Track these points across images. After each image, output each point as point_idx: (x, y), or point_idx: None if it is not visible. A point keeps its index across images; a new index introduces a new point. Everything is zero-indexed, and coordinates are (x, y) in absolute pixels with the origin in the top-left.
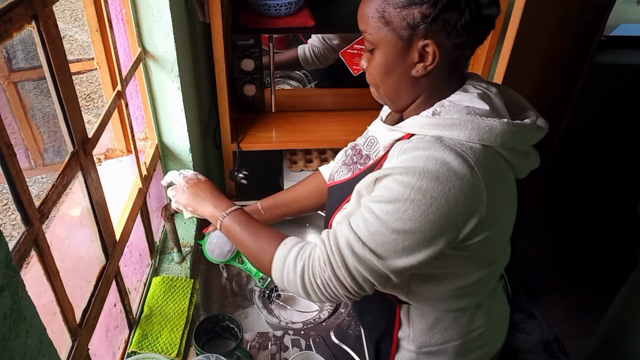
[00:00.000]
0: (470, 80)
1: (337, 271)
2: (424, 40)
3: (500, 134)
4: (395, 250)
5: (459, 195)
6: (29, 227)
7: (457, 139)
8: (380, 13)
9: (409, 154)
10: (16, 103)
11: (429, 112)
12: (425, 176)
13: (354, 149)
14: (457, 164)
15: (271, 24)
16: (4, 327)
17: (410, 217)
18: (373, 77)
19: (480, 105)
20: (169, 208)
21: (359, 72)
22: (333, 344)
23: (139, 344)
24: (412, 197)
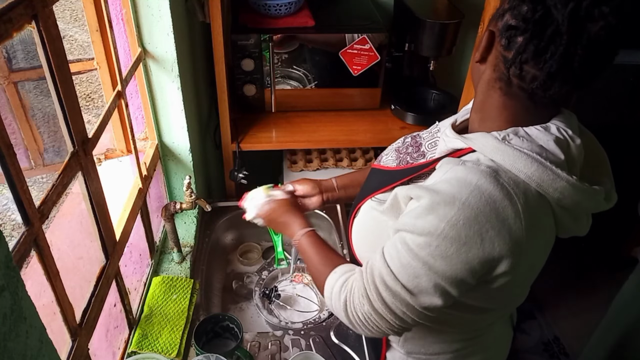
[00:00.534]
0: (557, 120)
1: (375, 305)
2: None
3: (562, 189)
4: (426, 287)
5: (495, 239)
6: (29, 227)
7: (514, 174)
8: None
9: (456, 176)
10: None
11: (499, 134)
12: (464, 211)
13: (415, 140)
14: (503, 206)
15: (271, 24)
16: (4, 327)
17: (442, 254)
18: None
19: (556, 152)
20: (169, 208)
21: (359, 72)
22: (333, 344)
23: (139, 344)
24: (445, 232)
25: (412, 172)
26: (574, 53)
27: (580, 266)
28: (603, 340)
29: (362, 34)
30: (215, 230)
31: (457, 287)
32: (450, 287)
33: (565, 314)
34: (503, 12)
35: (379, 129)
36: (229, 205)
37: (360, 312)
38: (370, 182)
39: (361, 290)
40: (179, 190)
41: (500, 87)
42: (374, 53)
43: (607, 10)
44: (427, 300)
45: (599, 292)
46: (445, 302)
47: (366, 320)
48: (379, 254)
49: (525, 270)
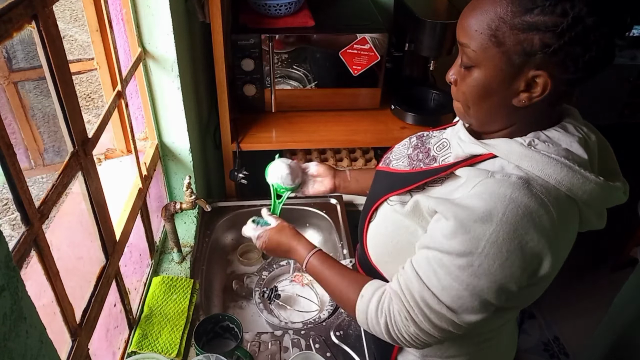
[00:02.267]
0: (570, 118)
1: (421, 325)
2: (536, 71)
3: (591, 191)
4: (472, 305)
5: (535, 248)
6: (29, 227)
7: (545, 181)
8: (493, 31)
9: (488, 190)
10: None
11: (524, 140)
12: (503, 227)
13: (422, 144)
14: (539, 216)
15: (271, 24)
16: (4, 327)
17: (485, 272)
18: (465, 96)
19: (580, 152)
20: (169, 208)
21: (359, 72)
22: (333, 344)
23: (139, 344)
24: (486, 250)
25: (427, 176)
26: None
27: (580, 266)
28: (603, 340)
29: (362, 34)
30: (215, 230)
31: (501, 298)
32: (495, 300)
33: (565, 314)
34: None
35: (379, 129)
36: (229, 205)
37: (407, 334)
38: (381, 184)
39: (403, 313)
40: (179, 190)
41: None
42: (374, 53)
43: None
44: (472, 317)
45: (599, 292)
46: (489, 314)
47: (413, 339)
48: (412, 274)
49: (554, 271)
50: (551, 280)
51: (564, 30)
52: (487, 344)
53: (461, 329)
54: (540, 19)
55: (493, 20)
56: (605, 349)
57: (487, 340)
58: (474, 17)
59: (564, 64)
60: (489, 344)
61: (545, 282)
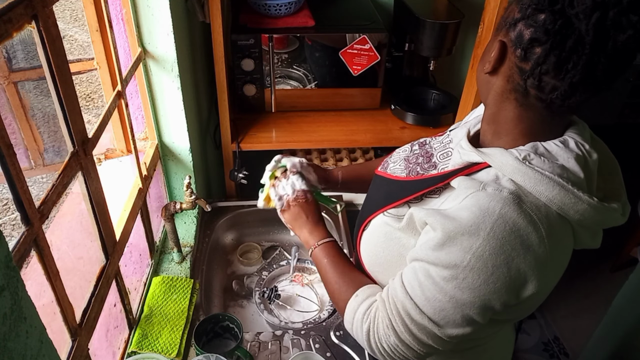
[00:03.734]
0: (573, 132)
1: (401, 336)
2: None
3: (583, 211)
4: (454, 319)
5: (522, 266)
6: (29, 227)
7: (536, 198)
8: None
9: (478, 203)
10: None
11: (520, 153)
12: (489, 242)
13: (424, 150)
14: (527, 233)
15: (271, 24)
16: (4, 327)
17: (470, 286)
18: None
19: (576, 170)
20: (169, 208)
21: (359, 72)
22: (333, 344)
23: (139, 344)
24: (472, 264)
25: (424, 187)
26: (597, 62)
27: (580, 266)
28: (603, 340)
29: (362, 34)
30: (215, 230)
31: (484, 315)
32: (477, 316)
33: (565, 314)
34: (515, 22)
35: (379, 129)
36: (229, 205)
37: (386, 343)
38: (378, 192)
39: (386, 322)
40: (179, 190)
41: (516, 98)
42: (374, 53)
43: (637, 18)
44: (454, 331)
45: (599, 292)
46: (473, 329)
47: (392, 350)
48: (399, 283)
49: (547, 288)
50: (541, 299)
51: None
52: (480, 348)
53: (443, 343)
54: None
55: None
56: (605, 348)
57: (481, 345)
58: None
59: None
60: (483, 349)
61: (532, 301)
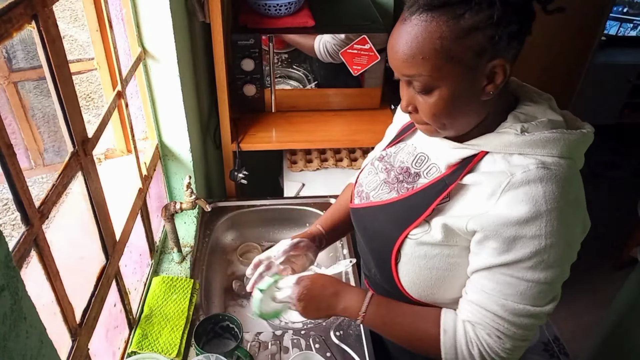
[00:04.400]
0: (522, 88)
1: (515, 337)
2: (492, 62)
3: (582, 145)
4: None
5: (582, 216)
6: (29, 227)
7: (552, 156)
8: (439, 51)
9: (520, 192)
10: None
11: (516, 128)
12: (551, 214)
13: (392, 166)
14: (569, 190)
15: (271, 24)
16: (4, 327)
17: (556, 258)
18: (435, 117)
19: (555, 116)
20: (169, 208)
21: (359, 72)
22: (333, 344)
23: (139, 344)
24: (549, 242)
25: (431, 196)
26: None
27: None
28: (603, 340)
29: (362, 34)
30: (215, 230)
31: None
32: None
33: (566, 314)
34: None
35: (379, 129)
36: (229, 205)
37: (503, 351)
38: (379, 221)
39: (494, 333)
40: (179, 190)
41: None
42: (374, 53)
43: None
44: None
45: (599, 292)
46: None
47: (510, 353)
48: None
49: None
50: None
51: (500, 17)
52: None
53: (546, 317)
54: (475, 19)
55: (434, 42)
56: (605, 348)
57: None
58: (411, 48)
59: (510, 44)
60: None
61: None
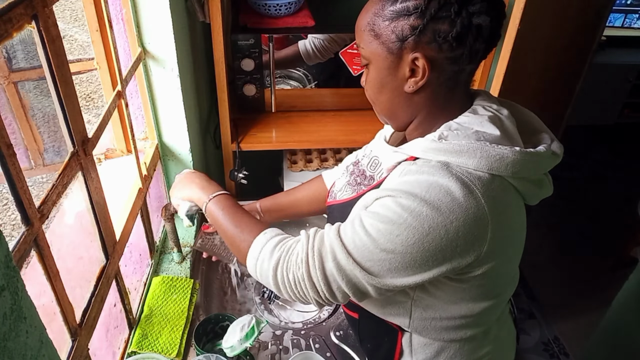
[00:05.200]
0: (480, 100)
1: (312, 271)
2: (413, 54)
3: (512, 163)
4: (382, 268)
5: (461, 229)
6: (29, 227)
7: (465, 166)
8: (371, 26)
9: (411, 177)
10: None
11: (435, 135)
12: (427, 203)
13: (357, 169)
14: (462, 195)
15: (271, 24)
16: (4, 327)
17: (403, 243)
18: (369, 94)
19: (491, 130)
20: (169, 208)
21: (359, 72)
22: (333, 344)
23: (139, 344)
24: (408, 222)
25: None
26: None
27: (580, 266)
28: (603, 340)
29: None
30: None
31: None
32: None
33: (565, 314)
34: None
35: (379, 129)
36: None
37: (293, 274)
38: (334, 216)
39: (302, 255)
40: None
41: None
42: None
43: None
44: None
45: (599, 292)
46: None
47: (296, 283)
48: (333, 228)
49: (504, 250)
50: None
51: (424, 10)
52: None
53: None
54: (403, 5)
55: (370, 17)
56: (605, 348)
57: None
58: (359, 18)
59: (435, 42)
60: (491, 349)
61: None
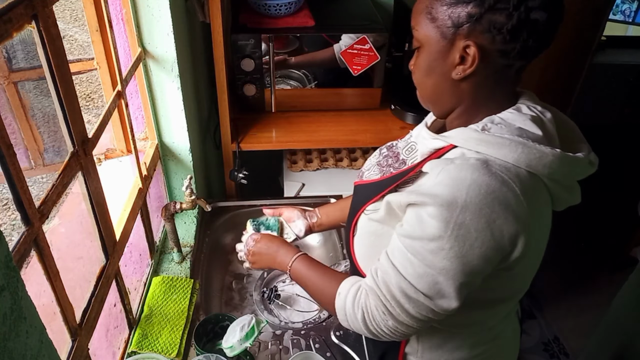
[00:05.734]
0: (524, 100)
1: (399, 318)
2: (465, 41)
3: (550, 163)
4: (448, 290)
5: (504, 226)
6: (29, 227)
7: (504, 161)
8: (429, 9)
9: (449, 176)
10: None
11: (478, 126)
12: (468, 209)
13: (391, 151)
14: (503, 193)
15: (271, 24)
16: (4, 327)
17: (457, 254)
18: (415, 76)
19: (533, 129)
20: (169, 208)
21: (359, 72)
22: (333, 344)
23: (139, 344)
24: (455, 233)
25: (398, 179)
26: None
27: (580, 266)
28: (603, 339)
29: (362, 34)
30: (215, 230)
31: (477, 280)
32: (470, 281)
33: (565, 314)
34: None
35: (379, 129)
36: (229, 205)
37: (385, 327)
38: (358, 197)
39: (381, 308)
40: (179, 190)
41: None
42: (374, 53)
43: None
44: (448, 304)
45: (599, 292)
46: (465, 295)
47: (392, 332)
48: (389, 266)
49: (534, 250)
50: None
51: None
52: (490, 344)
53: (440, 316)
54: None
55: (430, 0)
56: (605, 348)
57: (491, 341)
58: (419, 1)
59: (489, 32)
60: (493, 344)
61: (523, 267)
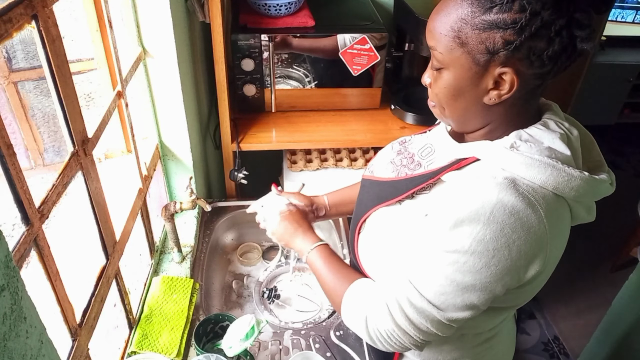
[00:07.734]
0: (550, 114)
1: (398, 322)
2: (502, 68)
3: (577, 187)
4: (454, 302)
5: (523, 247)
6: (29, 227)
7: (531, 181)
8: (456, 32)
9: (475, 191)
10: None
11: (506, 142)
12: (489, 226)
13: (405, 149)
14: (527, 215)
15: (271, 24)
16: (4, 327)
17: (471, 269)
18: (439, 98)
19: (563, 149)
20: (169, 208)
21: (359, 72)
22: (333, 344)
23: (139, 344)
24: (473, 248)
25: (414, 184)
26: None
27: (580, 266)
28: (603, 340)
29: (362, 34)
30: (215, 230)
31: (485, 298)
32: (478, 299)
33: (565, 314)
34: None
35: (379, 129)
36: (229, 205)
37: (383, 329)
38: (369, 194)
39: (382, 308)
40: (179, 190)
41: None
42: (374, 53)
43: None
44: (454, 315)
45: (599, 292)
46: (472, 313)
47: (389, 336)
48: (400, 271)
49: (550, 267)
50: (543, 281)
51: (524, 26)
52: (486, 344)
53: (443, 327)
54: (499, 16)
55: (455, 22)
56: (605, 348)
57: (487, 341)
58: (438, 20)
59: (528, 59)
60: (489, 345)
61: (535, 283)
